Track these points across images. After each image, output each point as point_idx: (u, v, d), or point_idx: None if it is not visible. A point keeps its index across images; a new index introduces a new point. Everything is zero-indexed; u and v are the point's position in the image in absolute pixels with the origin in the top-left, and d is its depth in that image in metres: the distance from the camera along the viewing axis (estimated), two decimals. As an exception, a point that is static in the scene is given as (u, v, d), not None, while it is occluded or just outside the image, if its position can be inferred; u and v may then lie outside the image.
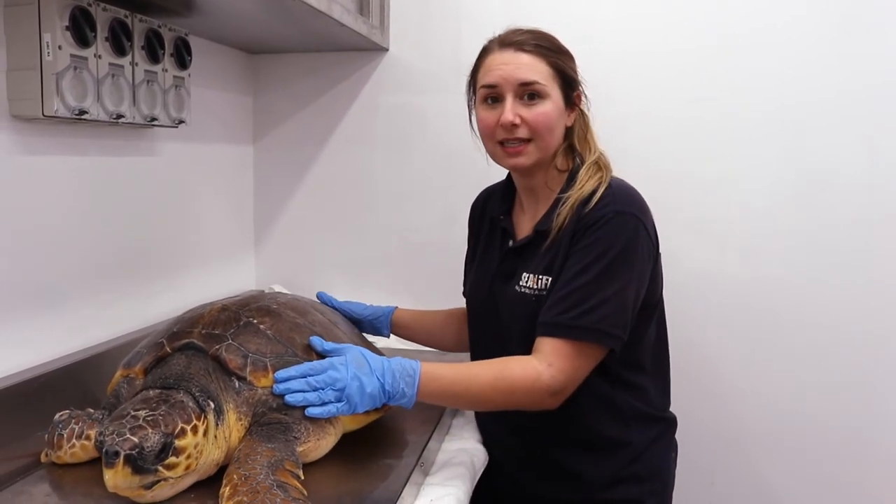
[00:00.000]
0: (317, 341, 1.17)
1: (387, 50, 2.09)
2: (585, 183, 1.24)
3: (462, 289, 1.57)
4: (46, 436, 1.14)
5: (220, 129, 2.05)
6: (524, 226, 1.36)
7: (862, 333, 1.84)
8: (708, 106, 1.88)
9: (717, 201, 1.90)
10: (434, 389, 1.14)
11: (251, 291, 2.12)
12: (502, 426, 1.38)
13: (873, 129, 1.79)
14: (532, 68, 1.24)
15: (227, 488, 0.96)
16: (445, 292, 1.63)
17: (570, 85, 1.28)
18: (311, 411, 1.07)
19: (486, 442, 1.41)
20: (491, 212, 1.44)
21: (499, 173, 1.60)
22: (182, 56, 1.65)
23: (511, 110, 1.24)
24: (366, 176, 2.16)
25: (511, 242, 1.36)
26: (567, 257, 1.22)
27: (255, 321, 1.16)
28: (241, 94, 2.16)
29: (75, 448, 1.10)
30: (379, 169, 2.15)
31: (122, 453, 0.89)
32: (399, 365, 1.12)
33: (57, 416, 1.14)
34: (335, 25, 1.74)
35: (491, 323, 1.37)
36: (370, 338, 1.51)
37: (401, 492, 1.08)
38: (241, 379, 1.09)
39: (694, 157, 1.89)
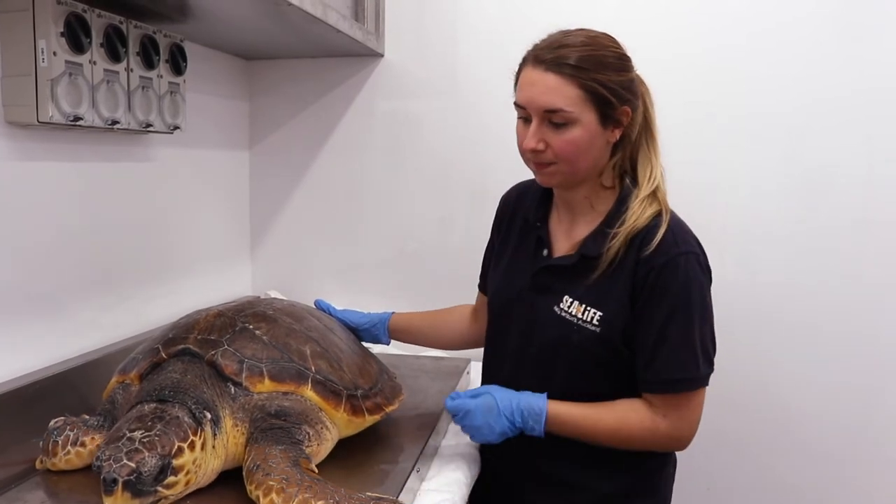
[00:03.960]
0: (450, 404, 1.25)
1: (382, 55, 2.10)
2: (639, 216, 1.21)
3: (479, 281, 1.55)
4: (41, 443, 1.13)
5: (216, 135, 2.05)
6: (561, 238, 1.32)
7: (862, 337, 1.85)
8: (704, 110, 1.89)
9: (714, 207, 1.90)
10: (558, 429, 1.22)
11: (247, 297, 2.12)
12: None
13: (871, 131, 1.80)
14: (558, 93, 1.15)
15: (274, 495, 0.95)
16: (442, 297, 1.63)
17: (608, 103, 1.17)
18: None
19: (484, 448, 1.41)
20: (525, 213, 1.39)
21: (495, 179, 1.60)
22: (177, 62, 1.65)
23: (534, 136, 1.19)
24: (362, 181, 2.16)
25: (546, 252, 1.32)
26: (633, 299, 1.21)
27: (250, 326, 1.16)
28: (236, 100, 2.16)
29: (70, 455, 1.11)
30: (375, 174, 2.15)
31: (121, 480, 0.90)
32: (527, 404, 1.21)
33: (52, 422, 1.14)
34: (331, 31, 1.74)
35: (514, 330, 1.34)
36: (367, 345, 1.51)
37: (397, 497, 1.08)
38: (236, 384, 1.09)
39: (689, 161, 1.89)
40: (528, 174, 1.50)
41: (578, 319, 1.24)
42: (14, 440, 1.20)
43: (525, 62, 1.22)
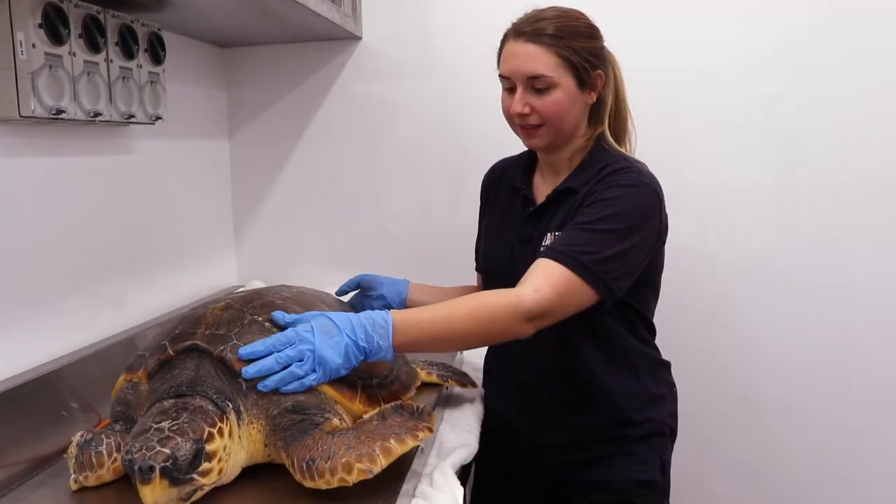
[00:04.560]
0: (279, 315, 1.12)
1: (360, 38, 2.07)
2: (609, 154, 1.32)
3: (475, 264, 1.58)
4: (72, 461, 1.06)
5: (196, 125, 2.02)
6: (543, 195, 1.39)
7: (839, 297, 1.89)
8: (681, 88, 1.91)
9: (692, 183, 1.92)
10: (413, 335, 1.11)
11: (256, 287, 2.08)
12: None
13: (841, 107, 1.83)
14: (539, 60, 1.26)
15: (359, 465, 0.95)
16: (427, 279, 1.62)
17: (582, 68, 1.28)
18: (287, 388, 1.04)
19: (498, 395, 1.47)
20: (511, 181, 1.47)
21: (474, 160, 1.60)
22: (156, 51, 1.61)
23: (520, 101, 1.28)
24: (342, 167, 2.15)
25: (532, 208, 1.38)
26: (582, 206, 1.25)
27: (259, 318, 1.12)
28: (214, 89, 2.12)
29: (117, 462, 1.04)
30: (355, 159, 2.14)
31: (158, 466, 0.87)
32: (368, 318, 1.09)
33: (78, 437, 1.08)
34: (310, 15, 1.71)
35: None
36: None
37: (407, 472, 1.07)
38: (247, 380, 1.05)
39: (667, 138, 1.90)
40: (503, 154, 1.55)
41: None
42: (10, 440, 1.18)
43: (506, 38, 1.32)
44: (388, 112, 2.10)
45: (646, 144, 1.40)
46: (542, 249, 1.25)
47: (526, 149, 1.47)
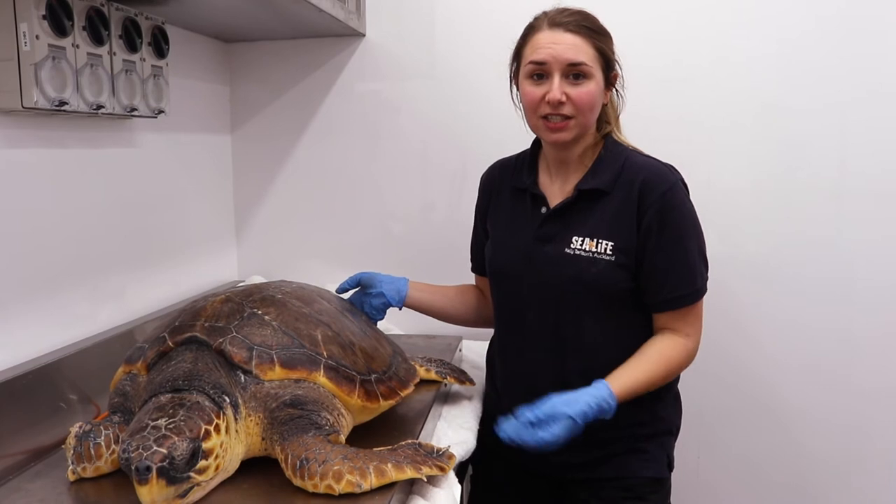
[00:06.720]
0: (525, 412, 1.21)
1: (363, 35, 2.07)
2: (625, 150, 1.37)
3: (471, 265, 1.59)
4: (70, 453, 1.08)
5: (198, 120, 2.02)
6: (556, 193, 1.40)
7: (841, 299, 1.89)
8: (680, 90, 1.91)
9: (695, 186, 1.91)
10: (625, 397, 1.26)
11: (255, 281, 2.09)
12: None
13: (843, 108, 1.84)
14: (580, 49, 1.29)
15: (349, 476, 0.97)
16: (426, 279, 1.63)
17: (609, 66, 1.33)
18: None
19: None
20: (513, 182, 1.47)
21: (475, 159, 1.59)
22: (160, 45, 1.61)
23: (558, 89, 1.29)
24: (344, 164, 2.14)
25: (545, 209, 1.38)
26: (639, 228, 1.30)
27: (259, 312, 1.13)
28: (217, 84, 2.12)
29: (116, 454, 1.05)
30: (357, 156, 2.13)
31: (154, 467, 0.87)
32: (597, 403, 1.21)
33: (77, 428, 1.09)
34: (313, 11, 1.71)
35: (527, 286, 1.38)
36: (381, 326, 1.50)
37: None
38: (246, 372, 1.06)
39: (668, 140, 1.89)
40: (505, 152, 1.54)
41: (594, 253, 1.31)
42: (9, 431, 1.18)
43: (536, 28, 1.33)
44: (391, 110, 2.09)
45: (647, 146, 1.40)
46: (662, 301, 1.32)
47: (520, 150, 1.48)
